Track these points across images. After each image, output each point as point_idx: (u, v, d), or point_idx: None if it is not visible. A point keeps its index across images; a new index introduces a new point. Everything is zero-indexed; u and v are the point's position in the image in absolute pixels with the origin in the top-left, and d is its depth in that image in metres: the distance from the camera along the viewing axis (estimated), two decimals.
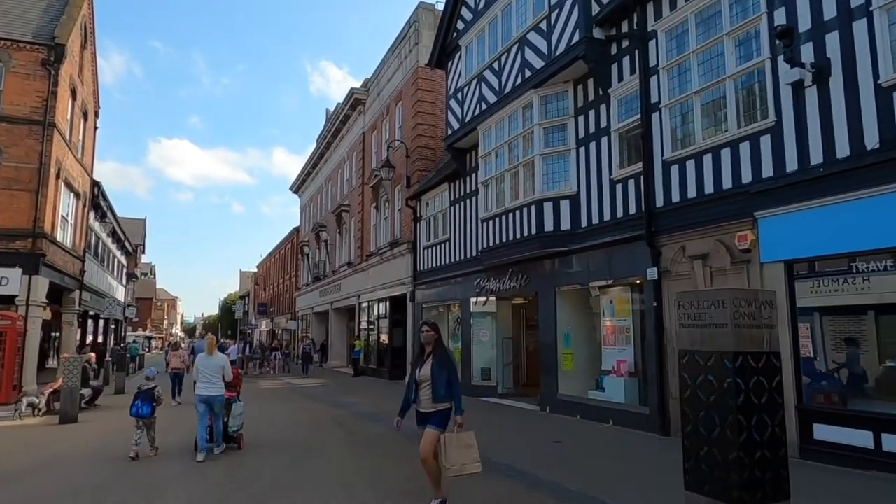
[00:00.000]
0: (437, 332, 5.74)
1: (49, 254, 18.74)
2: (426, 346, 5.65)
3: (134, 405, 8.00)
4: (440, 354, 5.58)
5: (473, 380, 15.46)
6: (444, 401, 5.44)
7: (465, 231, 16.29)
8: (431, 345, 5.62)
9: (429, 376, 5.45)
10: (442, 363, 5.49)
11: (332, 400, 15.49)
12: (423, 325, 5.79)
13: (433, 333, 5.67)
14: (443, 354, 5.65)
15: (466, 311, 16.02)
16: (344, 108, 28.51)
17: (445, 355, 5.70)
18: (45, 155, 18.21)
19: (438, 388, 5.40)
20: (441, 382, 5.39)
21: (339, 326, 31.17)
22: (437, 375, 5.41)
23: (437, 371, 5.43)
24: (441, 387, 5.39)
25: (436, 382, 5.41)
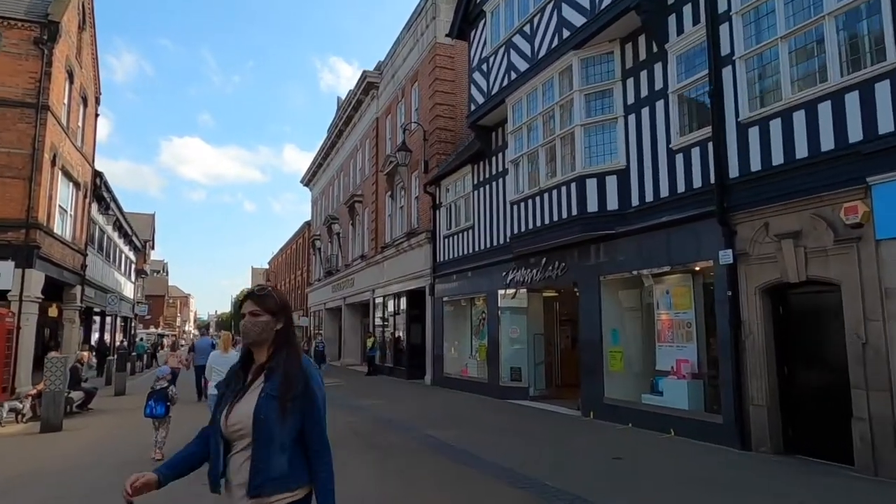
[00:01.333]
0: (279, 315, 2.34)
1: (44, 246, 17.55)
2: (253, 350, 2.36)
3: (147, 405, 7.74)
4: (288, 369, 2.26)
5: (502, 381, 14.00)
6: (282, 487, 2.20)
7: (491, 217, 14.82)
8: (266, 347, 2.32)
9: (248, 425, 2.20)
10: (287, 391, 2.21)
11: (347, 403, 14.12)
12: (246, 299, 2.35)
13: (266, 319, 2.30)
14: (293, 370, 2.26)
15: (493, 304, 14.56)
16: (356, 93, 27.10)
17: (298, 373, 2.27)
18: (38, 140, 17.00)
19: (271, 456, 2.19)
20: (278, 440, 2.20)
21: (353, 322, 29.86)
22: (269, 423, 2.18)
23: (271, 411, 2.19)
24: (277, 452, 2.19)
25: (265, 439, 2.19)
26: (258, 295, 2.34)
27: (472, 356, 16.02)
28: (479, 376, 15.26)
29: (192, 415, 11.56)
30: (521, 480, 6.55)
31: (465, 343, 16.86)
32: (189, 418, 10.74)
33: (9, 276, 16.29)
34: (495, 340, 14.35)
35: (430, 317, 18.16)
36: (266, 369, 2.27)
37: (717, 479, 6.52)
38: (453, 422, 10.91)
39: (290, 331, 2.37)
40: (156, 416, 7.72)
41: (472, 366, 15.83)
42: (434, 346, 17.90)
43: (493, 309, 14.51)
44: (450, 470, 7.17)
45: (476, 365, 15.55)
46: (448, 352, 17.24)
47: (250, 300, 2.32)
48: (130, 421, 11.57)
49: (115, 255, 33.11)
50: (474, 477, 6.82)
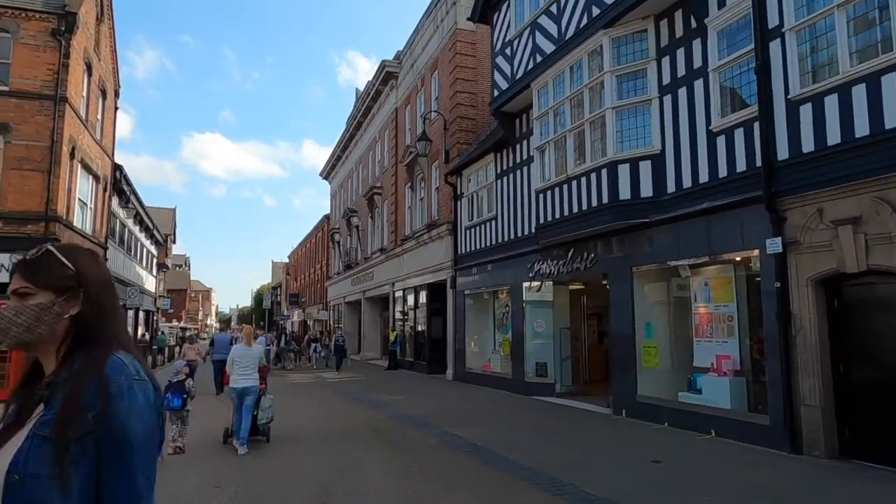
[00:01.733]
0: (70, 293, 1.32)
1: (64, 239, 17.46)
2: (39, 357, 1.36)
3: (164, 398, 7.13)
4: (72, 389, 1.23)
5: (527, 376, 13.52)
6: None
7: (516, 206, 14.30)
8: (55, 350, 1.32)
9: None
10: (65, 427, 1.19)
11: (368, 398, 13.77)
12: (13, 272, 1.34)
13: (42, 301, 1.30)
14: (79, 390, 1.22)
15: (518, 298, 14.06)
16: (375, 84, 26.68)
17: (86, 394, 1.21)
18: (56, 132, 16.91)
19: None
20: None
21: (373, 316, 29.58)
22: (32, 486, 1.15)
23: (40, 465, 1.16)
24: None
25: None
26: (27, 262, 1.34)
27: (496, 351, 15.56)
28: (503, 372, 14.80)
29: (211, 408, 11.39)
30: (553, 484, 6.09)
31: (488, 337, 16.40)
32: (207, 411, 10.57)
33: None
34: (520, 335, 13.87)
35: (452, 310, 17.72)
36: (47, 389, 1.27)
37: (769, 486, 5.98)
38: (477, 419, 10.48)
39: (97, 319, 1.34)
40: (172, 409, 7.52)
41: (495, 361, 15.37)
42: (456, 340, 17.47)
43: (518, 302, 14.02)
44: (475, 471, 6.73)
45: (499, 360, 15.08)
46: (470, 346, 16.80)
47: (17, 273, 1.33)
48: None
49: (137, 248, 33.25)
50: (501, 479, 6.37)
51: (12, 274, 1.35)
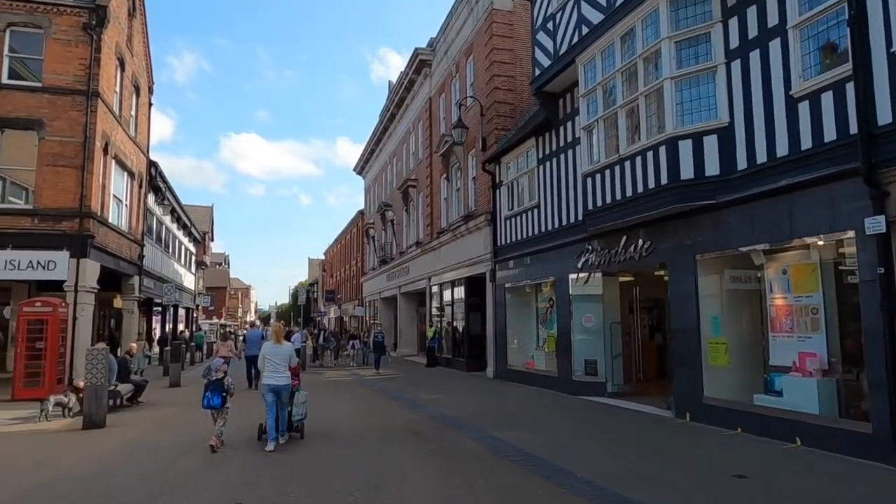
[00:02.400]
0: None
1: (99, 235, 17.33)
2: None
3: (205, 397, 7.68)
4: None
5: (575, 374, 12.59)
6: None
7: (560, 193, 13.36)
8: None
9: None
10: None
11: (406, 397, 13.08)
12: None
13: None
14: None
15: (563, 290, 13.12)
16: (408, 73, 25.98)
17: None
18: (89, 127, 16.73)
19: None
20: None
21: (409, 312, 28.97)
22: None
23: None
24: None
25: None
26: None
27: (539, 347, 14.66)
28: (548, 369, 13.90)
29: (244, 402, 11.01)
30: (619, 502, 5.23)
31: (531, 333, 15.51)
32: (241, 406, 10.17)
33: (63, 266, 16.11)
34: (566, 330, 12.94)
35: (492, 305, 16.89)
36: None
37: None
38: (522, 421, 9.64)
39: None
40: (213, 408, 7.67)
41: (538, 358, 14.47)
42: (496, 336, 16.63)
43: (563, 295, 13.08)
44: (526, 483, 5.90)
45: (544, 357, 14.18)
46: (511, 342, 15.94)
47: None
48: (178, 416, 10.92)
49: (175, 246, 33.47)
50: (560, 495, 5.53)
51: None
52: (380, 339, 20.81)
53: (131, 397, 12.29)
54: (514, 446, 7.57)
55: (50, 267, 16.06)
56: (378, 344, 20.51)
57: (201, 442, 8.15)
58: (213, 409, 7.67)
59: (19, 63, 16.99)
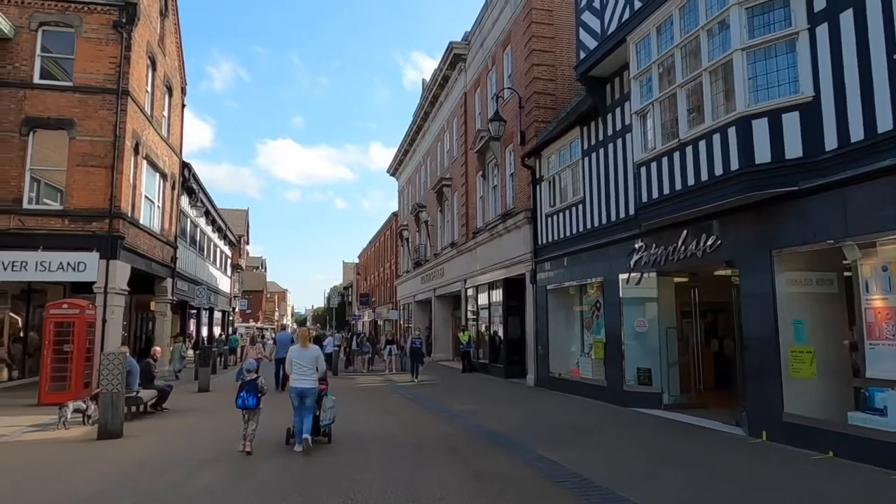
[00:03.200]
0: None
1: (129, 236, 17.05)
2: None
3: (239, 397, 7.68)
4: None
5: (627, 384, 11.48)
6: None
7: (608, 186, 12.30)
8: None
9: None
10: None
11: (440, 406, 12.19)
12: None
13: None
14: None
15: (612, 292, 12.03)
16: (442, 69, 25.19)
17: None
18: (119, 127, 16.46)
19: None
20: None
21: (444, 315, 28.13)
22: None
23: None
24: None
25: None
26: None
27: (585, 354, 13.57)
28: (595, 378, 12.81)
29: (272, 403, 10.61)
30: None
31: (575, 338, 14.44)
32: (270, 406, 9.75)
33: (93, 267, 15.82)
34: (616, 335, 11.84)
35: (532, 308, 15.87)
36: None
37: None
38: (573, 437, 8.64)
39: None
40: (248, 408, 7.65)
41: (584, 365, 13.39)
42: (537, 341, 15.60)
43: (613, 297, 11.99)
44: None
45: (590, 364, 13.10)
46: (554, 348, 14.88)
47: None
48: (203, 424, 10.28)
49: (210, 249, 33.47)
50: None
51: None
52: (417, 346, 19.45)
53: (155, 404, 11.76)
54: (570, 471, 6.59)
55: (80, 268, 15.79)
56: (415, 351, 19.26)
57: (222, 453, 7.50)
58: (247, 410, 7.65)
59: (51, 62, 16.87)
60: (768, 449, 7.63)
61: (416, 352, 19.09)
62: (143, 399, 10.77)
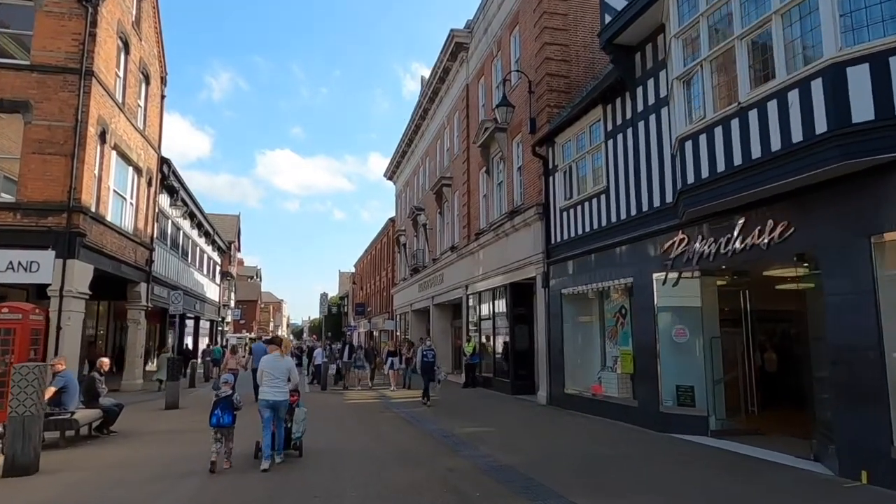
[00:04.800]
0: None
1: (93, 234, 15.22)
2: None
3: (213, 415, 7.12)
4: None
5: (664, 404, 9.61)
6: None
7: (637, 171, 10.52)
8: None
9: None
10: None
11: (440, 429, 10.31)
12: None
13: None
14: None
15: (644, 295, 10.20)
16: (443, 61, 23.51)
17: None
18: (81, 110, 14.70)
19: None
20: None
21: (443, 325, 26.22)
22: None
23: None
24: None
25: None
26: None
27: (609, 368, 11.71)
28: (622, 396, 10.96)
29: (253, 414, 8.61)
30: None
31: (595, 350, 12.59)
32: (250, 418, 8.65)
33: (48, 267, 13.98)
34: (649, 347, 9.99)
35: (544, 315, 14.02)
36: None
37: None
38: (609, 475, 6.78)
39: None
40: (223, 426, 7.09)
41: (608, 381, 11.52)
42: (550, 353, 13.74)
43: (645, 301, 10.15)
44: None
45: (615, 380, 11.24)
46: (570, 361, 13.02)
47: None
48: (151, 453, 8.38)
49: (195, 254, 31.59)
50: None
51: None
52: (429, 359, 15.10)
53: (100, 426, 9.86)
54: None
55: (32, 269, 13.96)
56: (427, 366, 15.01)
57: (160, 494, 5.62)
58: (222, 428, 7.06)
59: (6, 38, 15.13)
60: (872, 495, 5.78)
61: (427, 367, 14.93)
62: (79, 422, 8.85)
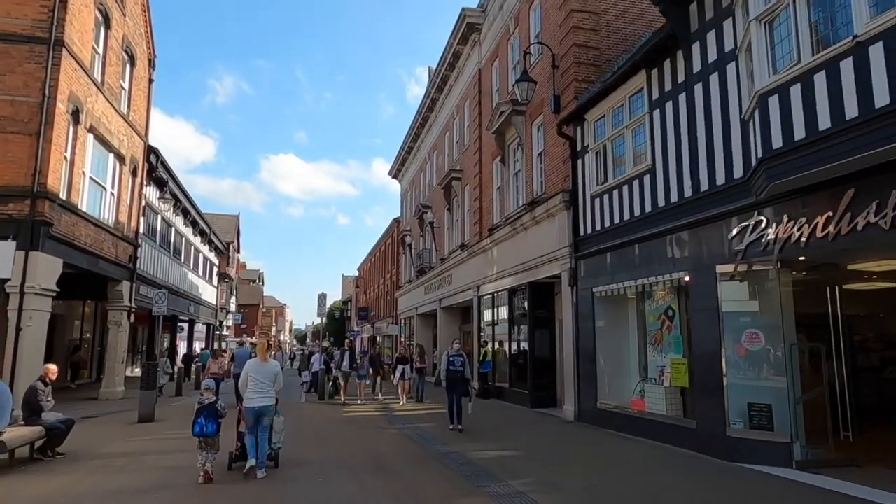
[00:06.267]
0: None
1: (62, 224, 13.56)
2: None
3: (197, 423, 6.65)
4: None
5: (731, 426, 7.80)
6: None
7: (694, 143, 8.75)
8: None
9: None
10: None
11: (455, 454, 8.52)
12: None
13: None
14: None
15: (704, 293, 8.40)
16: (452, 45, 21.83)
17: None
18: (49, 84, 13.07)
19: None
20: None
21: (450, 330, 24.39)
22: None
23: None
24: None
25: None
26: None
27: (653, 380, 9.90)
28: (672, 414, 9.16)
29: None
30: None
31: (632, 358, 10.80)
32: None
33: (7, 260, 12.32)
34: (711, 355, 8.19)
35: (571, 317, 12.23)
36: None
37: None
38: None
39: None
40: (206, 435, 6.65)
41: (654, 396, 9.71)
42: (579, 361, 11.95)
43: (706, 300, 8.35)
44: None
45: (663, 395, 9.43)
46: (604, 371, 11.22)
47: None
48: (99, 485, 6.62)
49: (189, 253, 29.94)
50: None
51: None
52: (458, 368, 10.83)
53: (44, 447, 8.12)
54: None
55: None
56: (456, 377, 10.79)
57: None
58: (206, 437, 6.69)
59: None
60: None
61: (456, 378, 10.78)
62: (6, 444, 7.11)
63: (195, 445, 6.82)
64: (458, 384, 10.88)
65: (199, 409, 6.79)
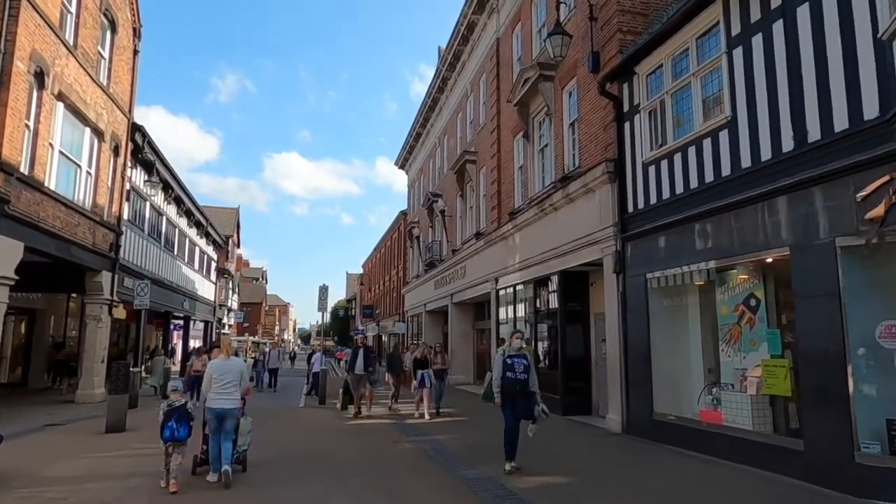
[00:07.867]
0: None
1: (22, 202, 11.75)
2: None
3: (167, 427, 6.29)
4: None
5: (862, 451, 5.84)
6: None
7: (798, 84, 6.79)
8: None
9: None
10: None
11: (486, 480, 6.61)
12: None
13: None
14: None
15: (815, 275, 6.45)
16: (467, 15, 19.91)
17: None
18: (6, 38, 11.22)
19: None
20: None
21: (463, 327, 22.52)
22: None
23: None
24: None
25: None
26: None
27: (731, 386, 7.95)
28: (759, 429, 7.23)
29: None
30: None
31: (696, 358, 8.87)
32: None
33: None
34: (827, 354, 6.24)
35: (618, 310, 10.30)
36: None
37: None
38: None
39: None
40: (178, 440, 6.26)
41: (734, 405, 7.77)
42: (627, 361, 10.03)
43: (818, 283, 6.40)
44: None
45: (747, 405, 7.49)
46: (661, 374, 9.29)
47: None
48: None
49: (184, 246, 28.13)
50: None
51: None
52: (521, 377, 7.17)
53: None
54: None
55: None
56: (515, 387, 7.16)
57: None
58: (177, 443, 6.23)
59: None
60: None
61: (516, 392, 7.19)
62: None
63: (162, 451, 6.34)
64: (519, 399, 7.19)
65: (169, 411, 6.45)
